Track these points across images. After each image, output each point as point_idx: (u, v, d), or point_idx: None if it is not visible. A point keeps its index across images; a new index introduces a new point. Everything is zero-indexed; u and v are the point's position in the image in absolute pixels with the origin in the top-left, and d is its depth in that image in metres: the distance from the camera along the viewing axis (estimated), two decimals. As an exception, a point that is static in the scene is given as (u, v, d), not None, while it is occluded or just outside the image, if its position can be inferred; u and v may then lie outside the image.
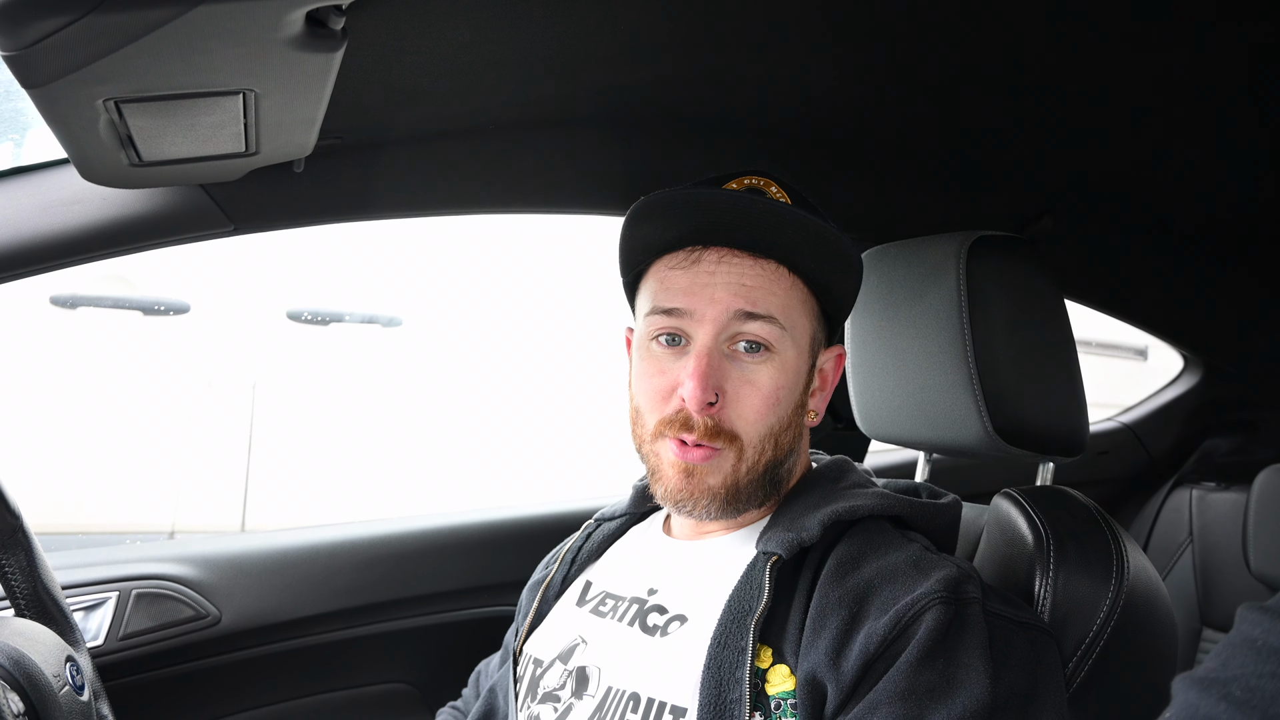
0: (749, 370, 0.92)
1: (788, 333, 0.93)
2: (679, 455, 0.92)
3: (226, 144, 1.01)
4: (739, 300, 0.92)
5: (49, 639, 1.00)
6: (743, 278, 0.92)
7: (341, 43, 0.82)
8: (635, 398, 0.98)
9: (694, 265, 0.94)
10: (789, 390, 0.94)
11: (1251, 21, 1.05)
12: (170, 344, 2.70)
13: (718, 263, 0.93)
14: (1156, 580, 1.03)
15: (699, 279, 0.93)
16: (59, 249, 1.15)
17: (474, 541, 1.67)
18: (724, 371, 0.92)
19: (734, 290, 0.92)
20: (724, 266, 0.93)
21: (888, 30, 1.10)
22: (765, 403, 0.92)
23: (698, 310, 0.92)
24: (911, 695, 0.78)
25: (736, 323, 0.92)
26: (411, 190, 1.37)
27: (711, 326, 0.92)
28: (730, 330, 0.92)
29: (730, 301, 0.92)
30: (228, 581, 1.48)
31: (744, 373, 0.92)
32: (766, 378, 0.92)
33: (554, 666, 0.99)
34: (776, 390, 0.93)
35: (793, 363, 0.94)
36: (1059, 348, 1.18)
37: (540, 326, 3.05)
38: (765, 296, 0.92)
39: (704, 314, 0.92)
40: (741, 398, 0.92)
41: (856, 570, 0.88)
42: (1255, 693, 0.45)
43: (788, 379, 0.94)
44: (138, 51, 0.73)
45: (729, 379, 0.92)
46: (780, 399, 0.93)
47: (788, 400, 0.94)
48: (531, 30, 1.05)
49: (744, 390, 0.92)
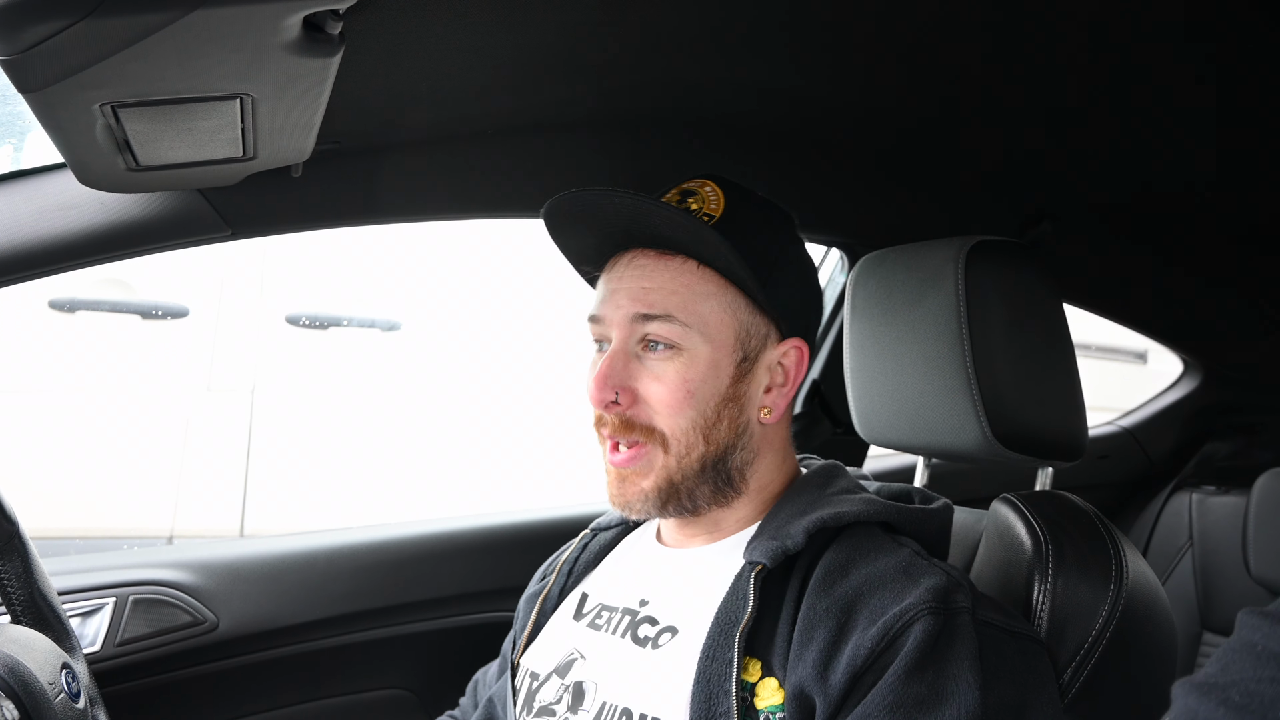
0: (655, 367, 0.95)
1: (693, 330, 0.95)
2: (610, 461, 0.98)
3: (224, 149, 1.01)
4: (636, 304, 0.96)
5: (45, 646, 1.00)
6: (643, 280, 0.96)
7: (339, 47, 0.82)
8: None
9: (609, 272, 1.00)
10: (703, 384, 0.95)
11: (1250, 26, 1.05)
12: (169, 348, 2.70)
13: (626, 266, 0.98)
14: (1156, 585, 1.03)
15: (610, 285, 0.99)
16: (56, 254, 1.15)
17: (472, 547, 1.67)
18: (631, 371, 0.96)
19: (633, 295, 0.96)
20: (631, 270, 0.98)
21: (886, 35, 1.10)
22: (673, 396, 0.94)
23: (607, 317, 0.98)
24: (900, 708, 0.77)
25: (639, 325, 0.96)
26: (410, 195, 1.37)
27: (619, 331, 0.97)
28: (638, 333, 0.96)
29: (629, 306, 0.96)
30: (225, 587, 1.47)
31: (651, 370, 0.95)
32: (672, 372, 0.95)
33: (550, 680, 0.99)
34: (684, 384, 0.94)
35: (706, 357, 0.95)
36: (1058, 352, 1.17)
37: (539, 331, 3.05)
38: (664, 297, 0.95)
39: (612, 319, 0.97)
40: (651, 394, 0.95)
41: (845, 578, 0.88)
42: (1254, 698, 0.45)
43: (698, 372, 0.95)
44: (134, 56, 0.73)
45: (639, 378, 0.96)
46: (692, 392, 0.94)
47: (704, 394, 0.95)
48: (530, 34, 1.05)
49: (652, 386, 0.95)
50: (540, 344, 3.04)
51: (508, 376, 3.01)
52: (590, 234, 1.00)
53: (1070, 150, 1.44)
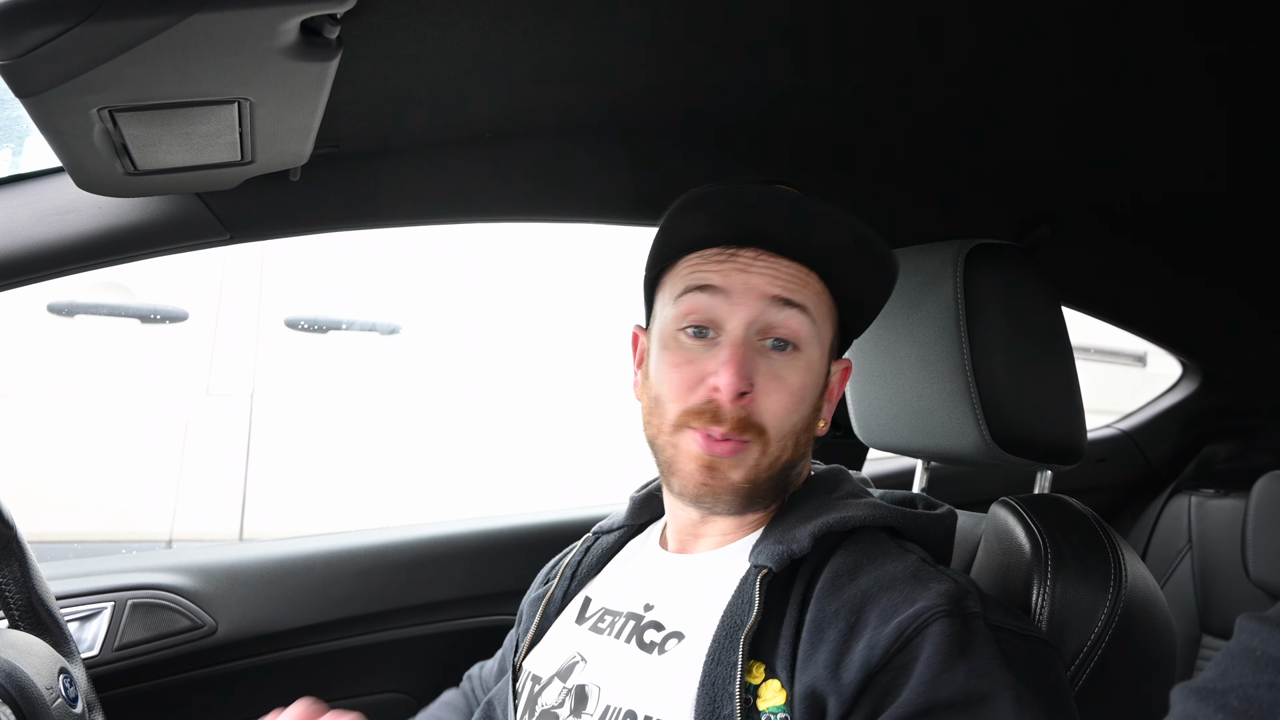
0: (777, 366, 0.93)
1: (816, 330, 0.94)
2: (704, 448, 0.91)
3: (222, 153, 1.01)
4: (775, 287, 0.92)
5: (42, 651, 1.00)
6: (778, 272, 0.94)
7: (336, 51, 0.82)
8: (656, 387, 0.97)
9: (730, 259, 0.94)
10: (811, 390, 0.95)
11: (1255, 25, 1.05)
12: (168, 352, 2.70)
13: (754, 259, 0.94)
14: (1155, 588, 1.03)
15: (735, 267, 0.94)
16: (54, 258, 1.15)
17: (472, 551, 1.67)
18: (755, 364, 0.92)
19: (769, 279, 0.93)
20: (760, 263, 0.94)
21: (884, 38, 1.10)
22: (792, 399, 0.93)
23: (734, 292, 0.92)
24: (933, 712, 0.76)
25: (771, 310, 0.92)
26: (409, 199, 1.37)
27: (745, 312, 0.92)
28: (763, 320, 0.92)
29: (766, 288, 0.92)
30: (224, 591, 1.47)
31: (772, 368, 0.92)
32: (794, 375, 0.93)
33: (552, 684, 0.99)
34: (802, 389, 0.93)
35: (817, 364, 0.95)
36: (1057, 355, 1.17)
37: (539, 333, 3.04)
38: (800, 288, 0.94)
39: (740, 298, 0.92)
40: (770, 392, 0.92)
41: (854, 581, 0.87)
42: (1253, 703, 0.45)
43: (811, 379, 0.95)
44: (132, 60, 0.73)
45: (759, 372, 0.92)
46: (804, 398, 0.94)
47: (809, 401, 0.95)
48: (529, 38, 1.05)
49: (772, 385, 0.92)
50: (542, 347, 3.04)
51: (509, 380, 3.01)
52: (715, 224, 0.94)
53: (1070, 153, 1.44)
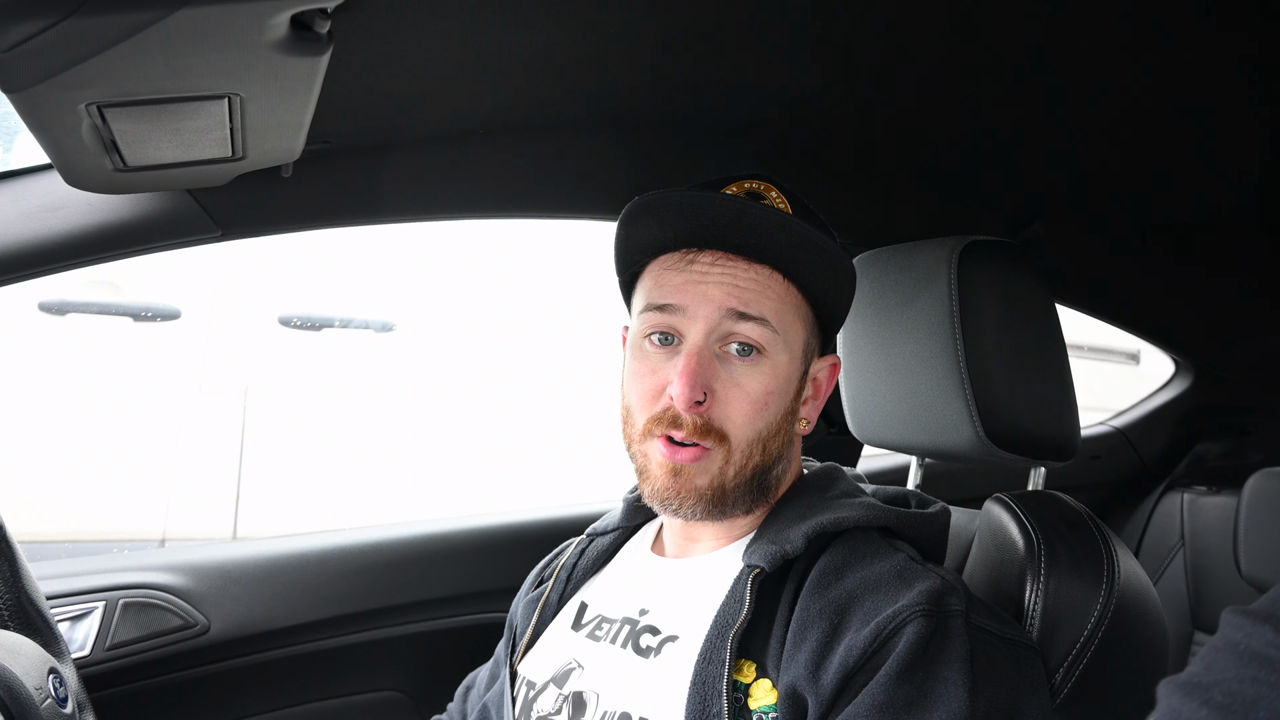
0: (738, 372, 0.92)
1: (780, 337, 0.93)
2: (667, 455, 0.92)
3: (212, 149, 1.00)
4: (732, 299, 0.91)
5: (31, 650, 0.99)
6: (736, 279, 0.92)
7: (327, 46, 0.82)
8: (626, 396, 0.98)
9: (689, 266, 0.94)
10: (779, 395, 0.94)
11: (1241, 28, 1.05)
12: (161, 350, 2.68)
13: (712, 264, 0.93)
14: (1147, 584, 1.03)
15: (693, 278, 0.93)
16: (43, 255, 1.14)
17: (465, 548, 1.66)
18: (713, 371, 0.91)
19: (727, 290, 0.92)
20: (718, 268, 0.93)
21: (879, 35, 1.10)
22: (754, 406, 0.92)
23: (690, 307, 0.92)
24: (889, 708, 0.77)
25: (729, 322, 0.91)
26: (402, 195, 1.36)
27: (703, 324, 0.92)
28: (722, 330, 0.92)
29: (723, 300, 0.91)
30: (216, 590, 1.47)
31: (733, 374, 0.92)
32: (756, 381, 0.92)
33: (548, 690, 0.98)
34: (766, 394, 0.92)
35: (784, 368, 0.94)
36: (1050, 352, 1.18)
37: (534, 330, 3.04)
38: (758, 299, 0.92)
39: (696, 311, 0.92)
40: (731, 399, 0.91)
41: (839, 581, 0.88)
42: (1236, 697, 0.45)
43: (778, 384, 0.93)
44: (120, 55, 0.72)
45: (718, 379, 0.91)
46: (769, 404, 0.93)
47: (777, 405, 0.94)
48: (520, 34, 1.04)
49: (733, 392, 0.92)
50: (536, 344, 3.03)
51: (503, 377, 3.01)
52: (668, 229, 0.95)
53: (1066, 152, 1.44)
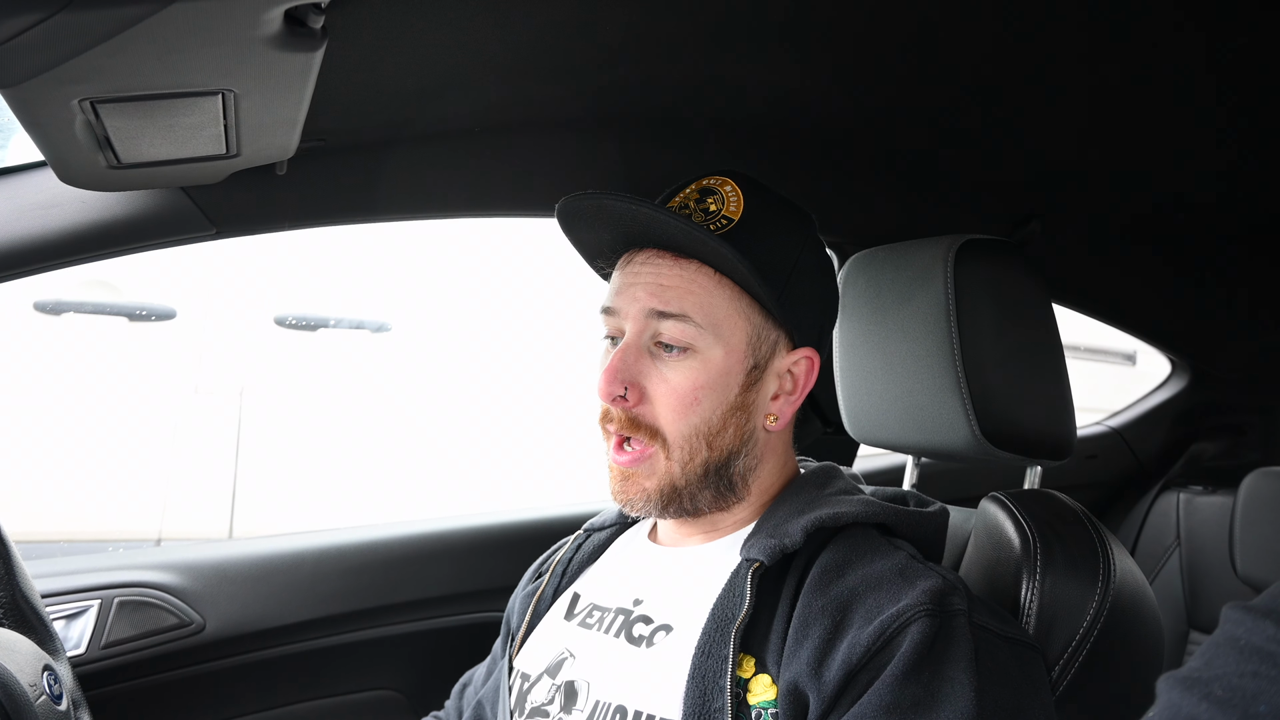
0: (666, 368, 0.94)
1: (708, 332, 0.93)
2: (614, 459, 0.96)
3: (206, 145, 1.00)
4: (652, 300, 0.94)
5: (26, 648, 0.99)
6: (660, 277, 0.95)
7: (321, 42, 0.81)
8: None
9: (624, 265, 0.98)
10: (712, 390, 0.94)
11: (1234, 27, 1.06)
12: (156, 350, 2.68)
13: (643, 264, 0.96)
14: (1143, 583, 1.03)
15: (626, 279, 0.97)
16: (37, 253, 1.14)
17: (462, 547, 1.66)
18: (641, 368, 0.94)
19: (650, 290, 0.94)
20: (648, 266, 0.96)
21: (876, 35, 1.10)
22: (681, 401, 0.93)
23: (622, 309, 0.96)
24: (896, 709, 0.77)
25: (653, 321, 0.94)
26: (398, 193, 1.36)
27: (633, 324, 0.95)
28: (650, 329, 0.94)
29: (646, 300, 0.94)
30: (212, 588, 1.46)
31: (662, 370, 0.94)
32: (683, 376, 0.93)
33: (542, 681, 0.98)
34: (694, 389, 0.93)
35: (719, 363, 0.94)
36: (1046, 352, 1.18)
37: (530, 330, 3.04)
38: (680, 296, 0.93)
39: (627, 312, 0.95)
40: (659, 395, 0.94)
41: (841, 578, 0.87)
42: (1236, 692, 0.45)
43: (710, 378, 0.93)
44: (112, 50, 0.72)
45: (648, 376, 0.94)
46: (700, 399, 0.93)
47: (712, 400, 0.94)
48: (515, 31, 1.04)
49: (660, 388, 0.94)
50: (531, 344, 3.03)
51: (498, 376, 3.00)
52: (604, 232, 0.98)
53: (1062, 151, 1.44)
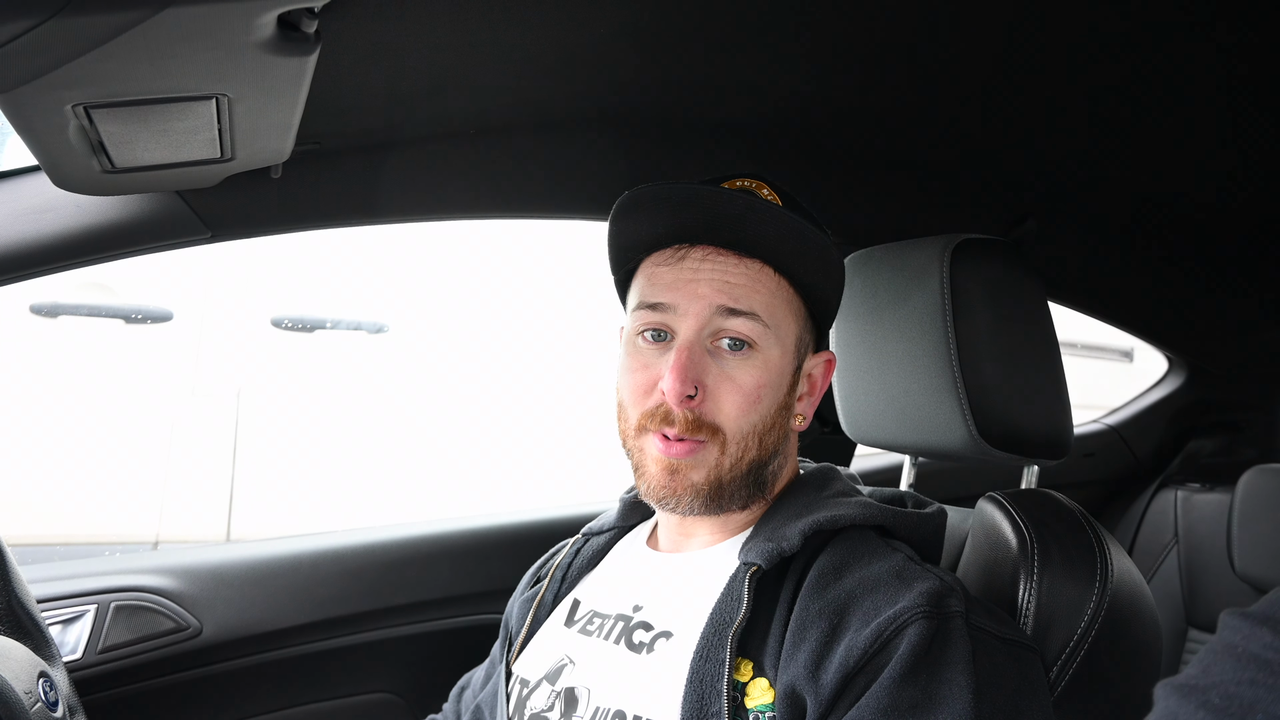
0: (730, 366, 0.93)
1: (771, 331, 0.94)
2: (663, 451, 0.92)
3: (201, 150, 1.00)
4: (722, 296, 0.92)
5: (21, 654, 0.99)
6: (726, 275, 0.93)
7: (315, 46, 0.81)
8: (620, 392, 0.99)
9: (679, 262, 0.95)
10: (771, 389, 0.94)
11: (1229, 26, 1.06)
12: (153, 352, 2.67)
13: (702, 260, 0.94)
14: (1140, 582, 1.03)
15: (683, 275, 0.94)
16: (32, 257, 1.13)
17: (459, 549, 1.66)
18: (704, 366, 0.92)
19: (717, 286, 0.93)
20: (708, 264, 0.94)
21: (872, 35, 1.10)
22: (746, 399, 0.92)
23: (681, 305, 0.93)
24: (894, 712, 0.77)
25: (719, 319, 0.92)
26: (393, 196, 1.36)
27: (694, 321, 0.92)
28: (713, 326, 0.93)
29: (713, 297, 0.92)
30: (209, 592, 1.46)
31: (725, 368, 0.93)
32: (748, 375, 0.93)
33: (541, 687, 0.98)
34: (758, 388, 0.93)
35: (776, 362, 0.95)
36: (1043, 350, 1.18)
37: (527, 331, 3.04)
38: (749, 294, 0.93)
39: (687, 309, 0.93)
40: (722, 393, 0.92)
41: (838, 581, 0.87)
42: (1233, 700, 0.45)
43: (770, 378, 0.94)
44: (106, 55, 0.72)
45: (709, 374, 0.92)
46: (761, 397, 0.93)
47: (770, 399, 0.94)
48: (512, 33, 1.04)
49: (724, 386, 0.92)
50: (530, 344, 3.03)
51: (496, 377, 3.00)
52: (659, 227, 0.95)
53: (1057, 150, 1.44)
